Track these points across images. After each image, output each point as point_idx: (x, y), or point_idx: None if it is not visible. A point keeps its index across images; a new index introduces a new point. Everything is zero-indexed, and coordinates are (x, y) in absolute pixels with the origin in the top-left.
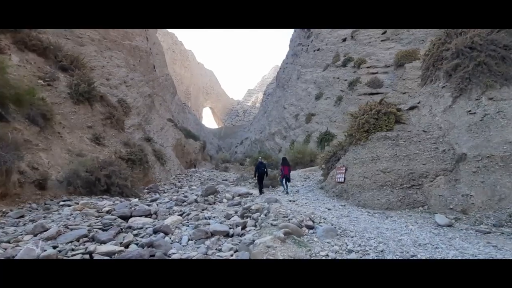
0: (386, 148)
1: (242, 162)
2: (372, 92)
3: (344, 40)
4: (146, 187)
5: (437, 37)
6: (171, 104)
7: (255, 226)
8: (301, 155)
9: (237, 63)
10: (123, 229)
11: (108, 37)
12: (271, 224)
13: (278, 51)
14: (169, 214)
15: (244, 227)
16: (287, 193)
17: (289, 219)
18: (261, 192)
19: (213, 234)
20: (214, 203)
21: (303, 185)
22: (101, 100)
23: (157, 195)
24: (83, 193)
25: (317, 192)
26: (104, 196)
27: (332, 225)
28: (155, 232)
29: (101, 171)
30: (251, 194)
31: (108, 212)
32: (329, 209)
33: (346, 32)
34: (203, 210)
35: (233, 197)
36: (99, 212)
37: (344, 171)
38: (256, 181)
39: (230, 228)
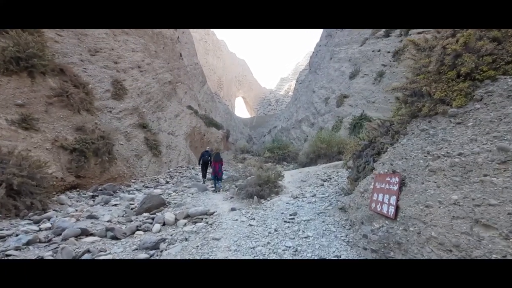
0: None
1: (260, 153)
2: None
3: None
4: (100, 187)
5: None
6: (198, 93)
7: None
8: (324, 145)
9: (269, 51)
10: None
11: None
12: None
13: (313, 36)
14: None
15: None
16: (217, 191)
17: None
18: (204, 177)
19: None
20: (133, 234)
21: (314, 196)
22: (60, 74)
23: (55, 212)
24: None
25: (329, 222)
26: None
27: None
28: None
29: None
30: (212, 214)
31: None
32: None
33: None
34: None
35: (176, 220)
36: None
37: (396, 187)
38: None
39: None
